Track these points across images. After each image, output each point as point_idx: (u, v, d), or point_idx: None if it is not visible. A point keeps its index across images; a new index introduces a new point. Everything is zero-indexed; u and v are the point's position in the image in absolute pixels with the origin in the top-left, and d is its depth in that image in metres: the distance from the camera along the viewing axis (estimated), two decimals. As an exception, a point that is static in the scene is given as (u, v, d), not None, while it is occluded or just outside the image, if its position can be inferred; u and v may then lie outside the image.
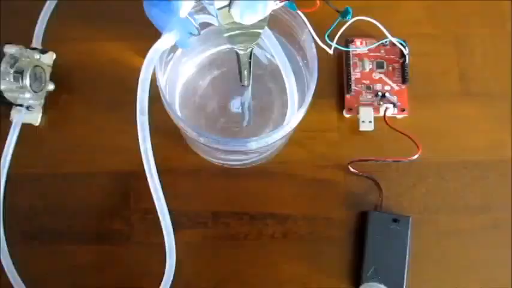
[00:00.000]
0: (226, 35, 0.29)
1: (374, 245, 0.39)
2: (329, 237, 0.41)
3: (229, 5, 0.27)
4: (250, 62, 0.32)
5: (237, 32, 0.29)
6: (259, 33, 0.29)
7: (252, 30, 0.29)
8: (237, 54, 0.31)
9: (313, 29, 0.33)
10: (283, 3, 0.29)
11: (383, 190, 0.41)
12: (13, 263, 0.39)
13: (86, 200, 0.41)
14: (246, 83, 0.34)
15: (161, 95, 0.32)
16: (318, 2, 0.30)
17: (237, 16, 0.27)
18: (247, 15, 0.26)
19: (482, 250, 0.41)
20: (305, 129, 0.38)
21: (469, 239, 0.41)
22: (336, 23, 0.34)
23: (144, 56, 0.44)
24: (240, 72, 0.33)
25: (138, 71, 0.44)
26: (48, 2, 0.42)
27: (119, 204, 0.41)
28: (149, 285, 0.38)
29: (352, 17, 0.41)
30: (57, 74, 0.43)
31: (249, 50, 0.30)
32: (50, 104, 0.43)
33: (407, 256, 0.39)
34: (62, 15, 0.44)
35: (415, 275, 0.39)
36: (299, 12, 0.33)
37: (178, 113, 0.37)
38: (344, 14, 0.33)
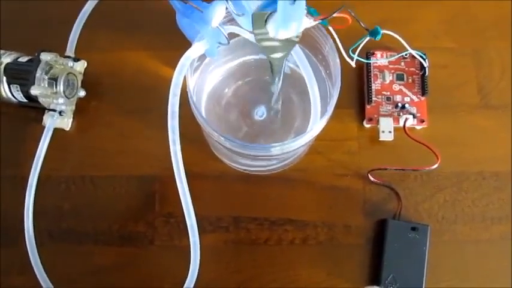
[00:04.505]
0: (261, 45, 0.30)
1: (392, 253, 0.40)
2: (348, 244, 0.41)
3: (265, 21, 0.28)
4: (282, 70, 0.33)
5: (272, 43, 0.30)
6: (294, 43, 0.30)
7: (286, 41, 0.30)
8: (271, 63, 0.32)
9: (337, 43, 0.35)
10: (317, 22, 0.30)
11: (402, 199, 0.42)
12: (41, 263, 0.40)
13: (111, 203, 0.43)
14: (276, 88, 0.35)
15: (190, 100, 0.33)
16: (349, 20, 0.30)
17: (272, 31, 0.28)
18: (281, 32, 0.28)
19: (500, 260, 0.41)
20: (325, 138, 0.39)
21: (487, 249, 0.41)
22: (365, 40, 0.35)
23: (170, 66, 0.45)
24: (273, 80, 0.34)
25: (163, 79, 0.45)
26: (81, 13, 0.45)
27: (143, 208, 0.42)
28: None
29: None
30: (87, 81, 0.45)
31: (283, 58, 0.32)
32: (79, 110, 0.44)
33: (425, 264, 0.39)
34: (92, 25, 0.46)
35: (432, 284, 0.40)
36: (330, 28, 0.34)
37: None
38: (373, 33, 0.33)
